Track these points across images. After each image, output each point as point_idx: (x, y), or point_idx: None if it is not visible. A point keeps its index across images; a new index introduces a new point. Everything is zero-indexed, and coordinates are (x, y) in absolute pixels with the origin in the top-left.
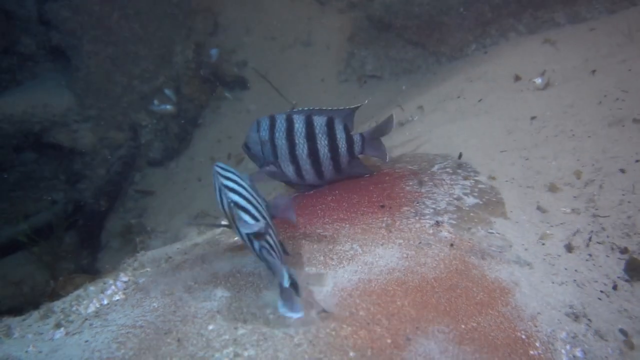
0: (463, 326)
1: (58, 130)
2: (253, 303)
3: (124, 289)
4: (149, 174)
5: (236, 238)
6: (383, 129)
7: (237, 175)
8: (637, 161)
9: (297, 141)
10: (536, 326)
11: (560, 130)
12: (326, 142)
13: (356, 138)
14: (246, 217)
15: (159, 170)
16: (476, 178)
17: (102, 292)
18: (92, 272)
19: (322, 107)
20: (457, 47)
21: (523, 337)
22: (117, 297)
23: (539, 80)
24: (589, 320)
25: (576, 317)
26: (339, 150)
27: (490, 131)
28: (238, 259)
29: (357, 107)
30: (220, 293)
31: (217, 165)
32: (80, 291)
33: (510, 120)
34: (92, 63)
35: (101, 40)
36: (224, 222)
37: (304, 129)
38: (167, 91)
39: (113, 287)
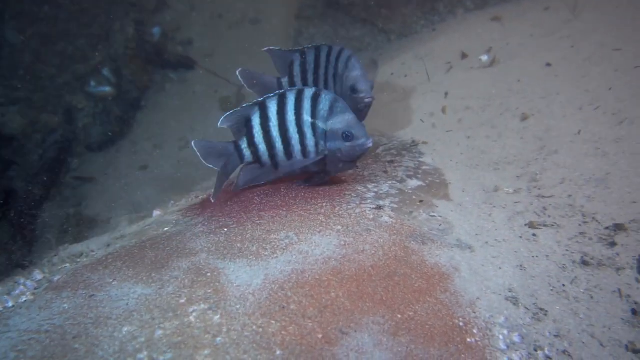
0: (399, 316)
1: None
2: (174, 300)
3: (35, 289)
4: (87, 160)
5: (166, 228)
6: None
7: None
8: (579, 133)
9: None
10: (474, 312)
11: (505, 108)
12: None
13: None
14: None
15: (99, 156)
16: (420, 159)
17: (8, 293)
18: (25, 266)
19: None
20: (406, 24)
21: (461, 324)
22: (24, 299)
23: (485, 58)
24: (529, 303)
25: (515, 301)
26: None
27: (437, 110)
28: (163, 251)
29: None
30: (141, 290)
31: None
32: None
33: (457, 99)
34: (17, 40)
35: (27, 15)
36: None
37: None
38: (106, 71)
39: (22, 287)
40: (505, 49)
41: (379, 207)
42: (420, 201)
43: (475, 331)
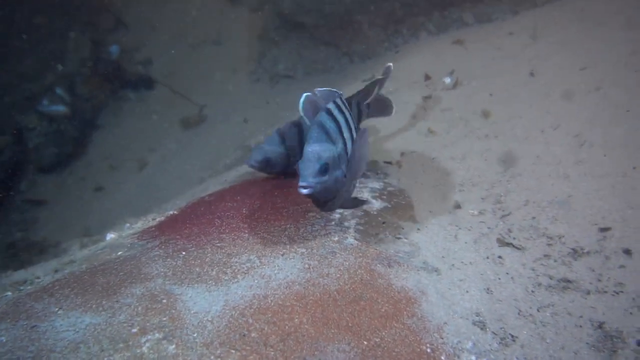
0: (365, 342)
1: None
2: (125, 329)
3: None
4: (39, 181)
5: (119, 252)
6: (381, 87)
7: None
8: (537, 157)
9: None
10: (442, 337)
11: (469, 130)
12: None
13: (364, 108)
14: None
15: (51, 178)
16: (386, 180)
17: None
18: None
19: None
20: (370, 46)
21: (428, 350)
22: None
23: (448, 80)
24: (496, 328)
25: (483, 326)
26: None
27: (401, 131)
28: (116, 277)
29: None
30: (89, 319)
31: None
32: None
33: (420, 120)
34: None
35: None
36: None
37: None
38: (59, 90)
39: None
40: (468, 72)
41: (344, 229)
42: (384, 223)
43: (442, 358)
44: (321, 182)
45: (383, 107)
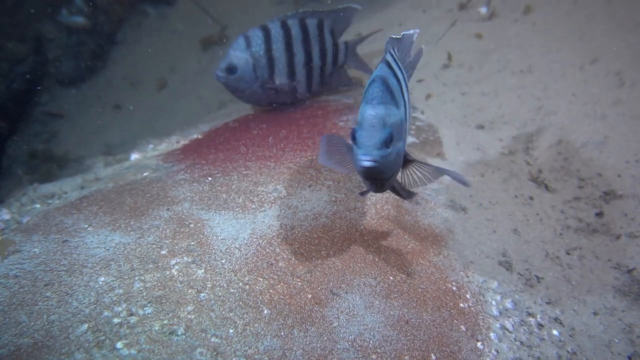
0: (392, 278)
1: None
2: (155, 251)
3: (1, 229)
4: (59, 94)
5: (145, 174)
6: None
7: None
8: (574, 95)
9: (295, 50)
10: (468, 276)
11: (503, 65)
12: (318, 48)
13: (341, 46)
14: None
15: (70, 91)
16: (414, 115)
17: None
18: None
19: (314, 10)
20: None
21: (454, 288)
22: None
23: (484, 10)
24: (522, 269)
25: (509, 266)
26: (326, 57)
27: (432, 64)
28: (142, 198)
29: (348, 7)
30: (118, 238)
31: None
32: None
33: (454, 52)
34: None
35: None
36: None
37: (300, 35)
38: (78, 0)
39: None
40: (506, 2)
41: None
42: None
43: (468, 296)
44: (386, 155)
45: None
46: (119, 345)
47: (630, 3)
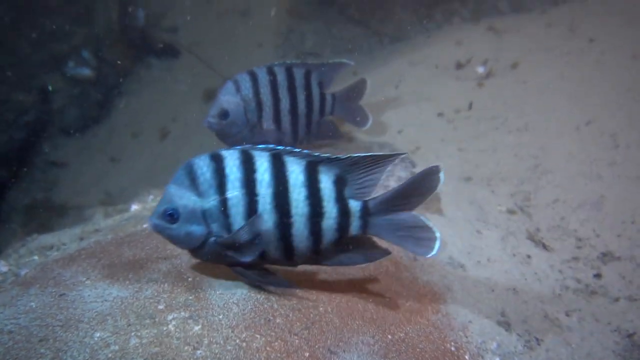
0: (390, 337)
1: None
2: (152, 305)
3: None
4: (61, 143)
5: (145, 225)
6: (355, 89)
7: None
8: (570, 154)
9: (280, 95)
10: (467, 336)
11: (500, 122)
12: (304, 96)
13: (328, 97)
14: None
15: (73, 141)
16: (413, 170)
17: None
18: None
19: (303, 61)
20: (401, 28)
21: (452, 349)
22: None
23: (481, 69)
24: (521, 330)
25: (508, 327)
26: (312, 106)
27: (429, 120)
28: (142, 250)
29: (338, 63)
30: (116, 292)
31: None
32: None
33: (451, 109)
34: None
35: None
36: None
37: (286, 82)
38: (85, 53)
39: None
40: (502, 62)
41: None
42: None
43: (467, 357)
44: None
45: (354, 113)
46: None
47: (619, 67)
